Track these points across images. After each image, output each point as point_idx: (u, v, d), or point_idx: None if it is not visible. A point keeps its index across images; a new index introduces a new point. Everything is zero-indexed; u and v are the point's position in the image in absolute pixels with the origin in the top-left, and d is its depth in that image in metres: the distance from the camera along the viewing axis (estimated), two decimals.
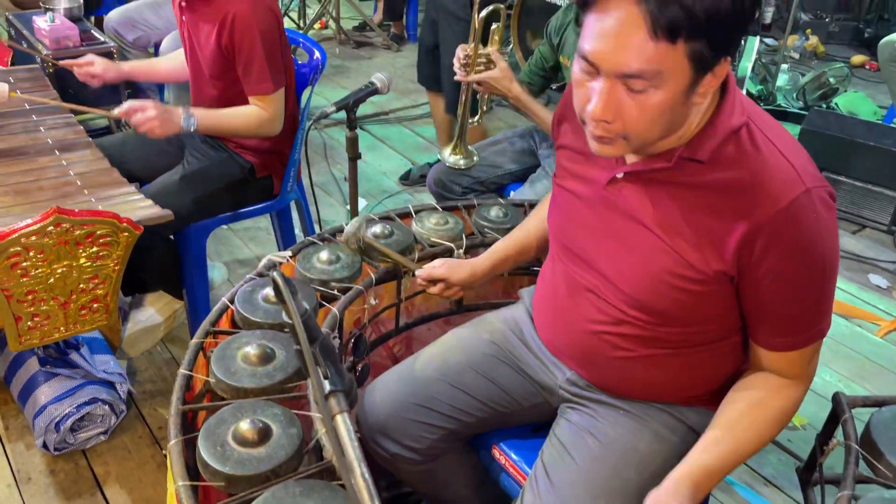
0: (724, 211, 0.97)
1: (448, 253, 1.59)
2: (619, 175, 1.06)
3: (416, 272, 1.41)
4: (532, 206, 1.79)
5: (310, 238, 1.57)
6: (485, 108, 2.12)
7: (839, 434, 1.22)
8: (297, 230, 2.65)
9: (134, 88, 3.11)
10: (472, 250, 1.60)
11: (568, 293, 1.18)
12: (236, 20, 1.81)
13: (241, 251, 2.69)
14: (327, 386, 0.70)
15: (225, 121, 1.93)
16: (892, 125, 3.30)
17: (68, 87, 2.41)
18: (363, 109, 3.79)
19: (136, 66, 2.28)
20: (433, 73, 2.93)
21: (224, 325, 1.36)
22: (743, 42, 2.74)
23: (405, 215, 1.70)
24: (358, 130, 1.78)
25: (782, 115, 3.64)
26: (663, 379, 1.14)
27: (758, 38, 3.22)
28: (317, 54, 2.09)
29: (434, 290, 1.40)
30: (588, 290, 1.14)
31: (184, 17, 1.95)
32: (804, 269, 0.97)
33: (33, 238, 1.37)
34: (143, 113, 1.79)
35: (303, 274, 1.45)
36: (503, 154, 2.29)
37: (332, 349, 0.79)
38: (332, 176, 3.23)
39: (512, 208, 1.73)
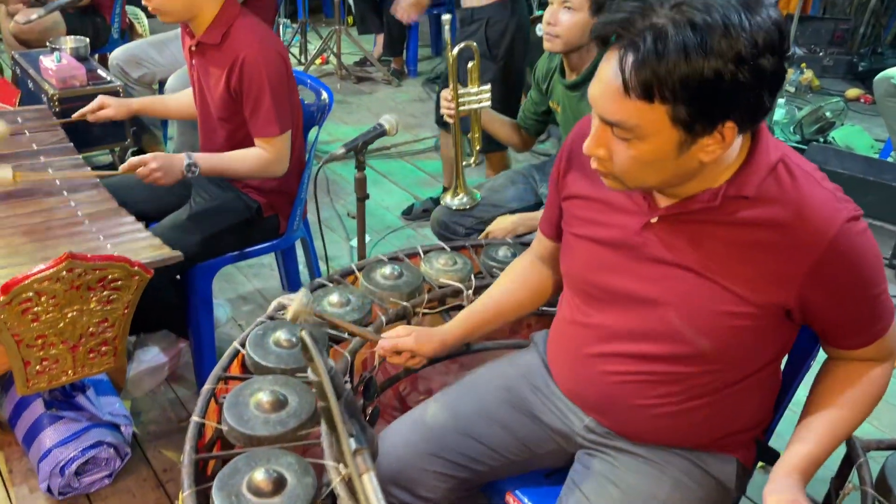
0: (775, 244, 0.99)
1: (457, 294, 1.59)
2: (654, 220, 1.06)
3: (380, 343, 1.31)
4: None
5: (319, 280, 1.58)
6: (478, 147, 2.14)
7: (854, 478, 1.22)
8: (301, 265, 2.66)
9: (139, 125, 3.14)
10: (480, 291, 1.60)
11: (591, 339, 1.18)
12: (245, 64, 1.84)
13: (244, 288, 2.69)
14: (353, 444, 0.70)
15: (227, 165, 1.94)
16: (889, 160, 3.33)
17: (75, 125, 2.44)
18: None
19: (146, 104, 2.31)
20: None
21: (235, 369, 1.35)
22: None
23: (413, 255, 1.71)
24: (346, 154, 1.78)
25: None
26: (687, 424, 1.14)
27: None
28: (324, 95, 2.11)
29: (398, 360, 1.31)
30: (615, 336, 1.14)
31: (194, 61, 1.98)
32: (862, 280, 1.01)
33: (45, 283, 1.37)
34: (145, 167, 1.82)
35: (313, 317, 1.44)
36: (505, 193, 2.30)
37: (355, 405, 0.79)
38: (335, 212, 3.25)
39: (520, 247, 1.74)
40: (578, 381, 1.22)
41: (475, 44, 1.99)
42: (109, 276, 1.44)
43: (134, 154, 3.28)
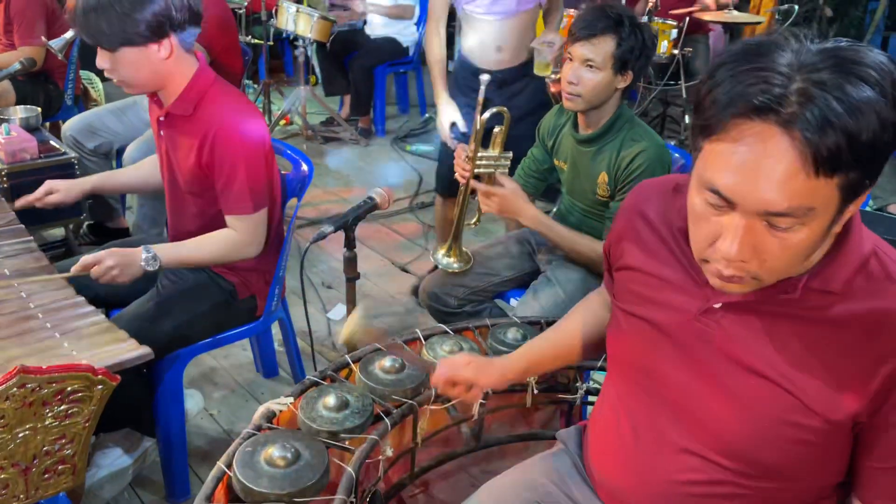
0: (859, 348, 0.85)
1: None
2: (717, 305, 0.93)
3: (436, 371, 1.24)
4: (549, 323, 1.66)
5: (312, 378, 1.40)
6: (483, 214, 2.01)
7: None
8: (277, 343, 2.47)
9: (94, 198, 2.93)
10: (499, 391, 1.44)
11: (644, 440, 1.03)
12: (218, 136, 1.68)
13: (215, 373, 2.47)
14: None
15: (192, 253, 1.76)
16: (869, 209, 3.31)
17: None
18: (338, 208, 3.68)
19: (100, 181, 2.08)
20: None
21: (220, 496, 1.16)
22: None
23: (412, 340, 1.54)
24: (335, 232, 1.62)
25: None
26: None
27: None
28: (304, 167, 1.96)
29: (452, 392, 1.23)
30: (674, 439, 0.99)
31: (162, 132, 1.81)
32: None
33: None
34: (99, 266, 1.63)
35: (308, 425, 1.26)
36: (499, 260, 2.17)
37: None
38: (309, 281, 3.06)
39: (529, 328, 1.59)
40: (627, 487, 1.07)
41: (507, 109, 1.90)
42: (68, 388, 1.24)
43: (90, 228, 3.09)
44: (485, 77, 1.92)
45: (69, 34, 2.62)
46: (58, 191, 1.93)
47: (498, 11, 2.47)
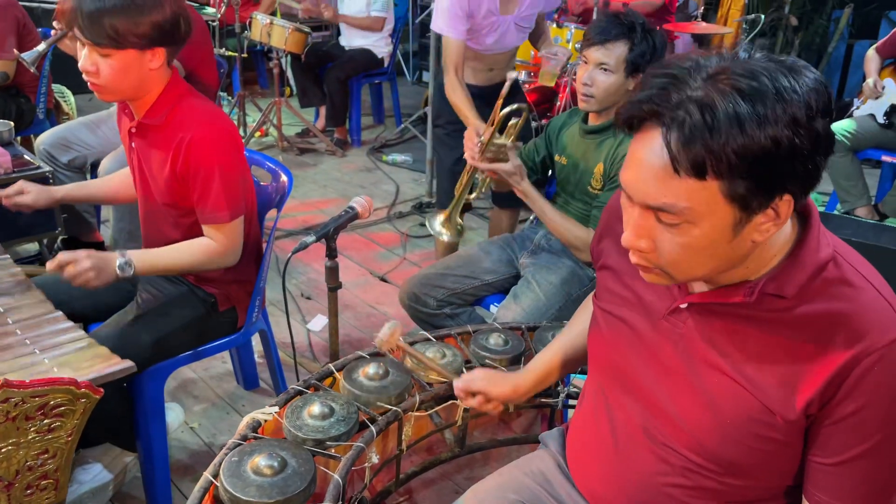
0: (811, 348, 0.88)
1: (452, 396, 1.44)
2: (683, 306, 0.97)
3: (455, 384, 1.32)
4: (530, 329, 1.68)
5: (296, 387, 1.40)
6: (484, 189, 2.05)
7: None
8: (257, 354, 2.46)
9: (70, 212, 2.90)
10: None
11: (621, 438, 1.06)
12: (192, 145, 1.68)
13: (195, 385, 2.46)
14: None
15: (168, 260, 1.75)
16: (836, 213, 3.40)
17: (0, 213, 2.21)
18: (315, 219, 3.68)
19: (71, 190, 2.05)
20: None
21: None
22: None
23: (395, 349, 1.56)
24: (316, 242, 1.63)
25: None
26: None
27: None
28: (283, 178, 1.96)
29: (472, 403, 1.31)
30: (647, 434, 1.02)
31: (133, 144, 1.80)
32: (891, 423, 0.87)
33: None
34: (74, 266, 1.61)
35: (294, 434, 1.27)
36: (479, 264, 2.19)
37: None
38: (288, 292, 3.06)
39: (511, 334, 1.61)
40: (607, 483, 1.09)
41: (526, 107, 1.98)
42: (51, 402, 1.23)
43: (65, 243, 3.05)
44: (512, 74, 2.08)
45: (41, 46, 2.60)
46: (29, 192, 1.91)
47: (500, 48, 2.62)
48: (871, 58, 3.80)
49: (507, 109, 1.92)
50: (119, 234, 2.74)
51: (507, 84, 2.05)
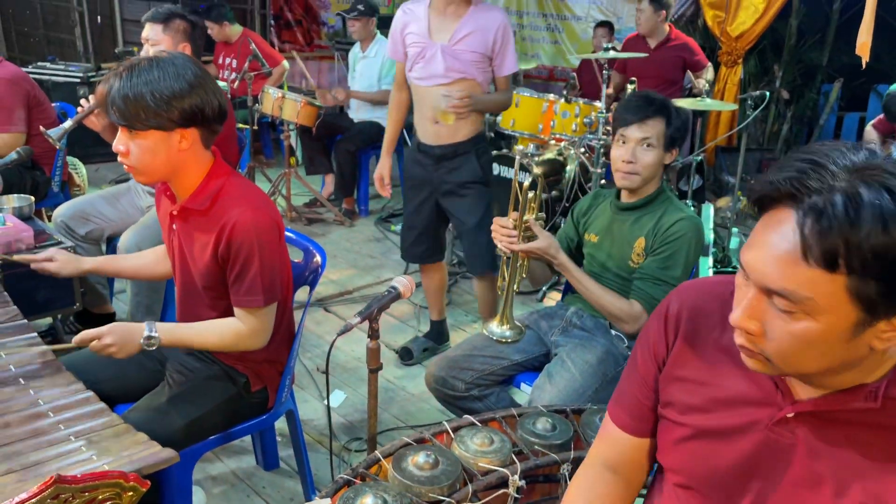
0: None
1: (503, 484, 1.40)
2: (790, 414, 0.92)
3: None
4: (576, 412, 1.65)
5: (344, 477, 1.36)
6: (524, 274, 2.04)
7: None
8: (278, 435, 2.40)
9: (83, 283, 2.87)
10: (531, 483, 1.43)
11: None
12: (235, 228, 1.68)
13: (212, 465, 2.39)
14: None
15: (194, 337, 1.74)
16: None
17: (18, 288, 2.18)
18: (326, 290, 3.67)
19: (102, 264, 2.08)
20: (431, 248, 2.97)
21: None
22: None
23: (440, 433, 1.52)
24: (324, 314, 1.62)
25: None
26: None
27: (711, 206, 3.36)
28: (317, 258, 1.96)
29: None
30: None
31: (174, 226, 1.80)
32: None
33: None
34: (98, 341, 1.63)
35: None
36: (508, 343, 2.17)
37: None
38: (303, 366, 3.01)
39: (557, 418, 1.58)
40: None
41: (539, 173, 2.01)
42: (100, 497, 1.18)
43: (76, 316, 3.01)
44: (520, 148, 2.10)
45: (68, 123, 2.62)
46: (58, 261, 1.92)
47: (428, 77, 2.67)
48: (870, 133, 3.93)
49: (526, 183, 1.94)
50: (137, 307, 2.71)
51: (517, 158, 2.10)
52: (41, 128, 2.70)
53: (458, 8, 2.60)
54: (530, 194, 1.95)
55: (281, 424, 2.17)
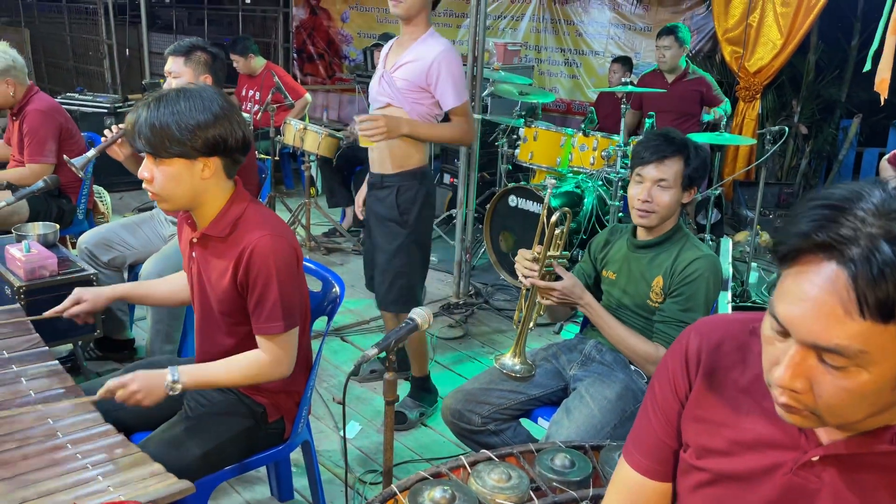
0: None
1: None
2: (815, 458, 0.89)
3: None
4: (594, 448, 1.63)
5: None
6: (542, 312, 2.02)
7: None
8: (294, 466, 2.39)
9: (106, 312, 2.90)
10: None
11: None
12: (254, 254, 1.69)
13: (227, 496, 2.38)
14: None
15: (218, 376, 1.74)
16: None
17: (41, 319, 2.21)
18: (342, 320, 3.67)
19: (127, 291, 2.07)
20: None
21: None
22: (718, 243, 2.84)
23: (456, 468, 1.51)
24: (340, 343, 1.62)
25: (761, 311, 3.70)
26: None
27: (730, 240, 3.34)
28: (335, 289, 1.97)
29: None
30: None
31: (193, 253, 1.82)
32: None
33: None
34: (125, 390, 1.64)
35: None
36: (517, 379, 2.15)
37: None
38: (318, 395, 3.00)
39: (576, 454, 1.56)
40: None
41: (569, 210, 1.97)
42: None
43: (97, 342, 3.04)
44: (550, 181, 2.07)
45: (91, 153, 2.67)
46: (86, 300, 1.93)
47: (371, 101, 2.70)
48: (885, 168, 3.90)
49: (554, 217, 1.91)
50: (156, 335, 2.73)
51: (548, 192, 2.09)
52: (65, 157, 2.76)
53: (409, 38, 2.59)
54: (557, 230, 1.93)
55: (296, 455, 2.15)
